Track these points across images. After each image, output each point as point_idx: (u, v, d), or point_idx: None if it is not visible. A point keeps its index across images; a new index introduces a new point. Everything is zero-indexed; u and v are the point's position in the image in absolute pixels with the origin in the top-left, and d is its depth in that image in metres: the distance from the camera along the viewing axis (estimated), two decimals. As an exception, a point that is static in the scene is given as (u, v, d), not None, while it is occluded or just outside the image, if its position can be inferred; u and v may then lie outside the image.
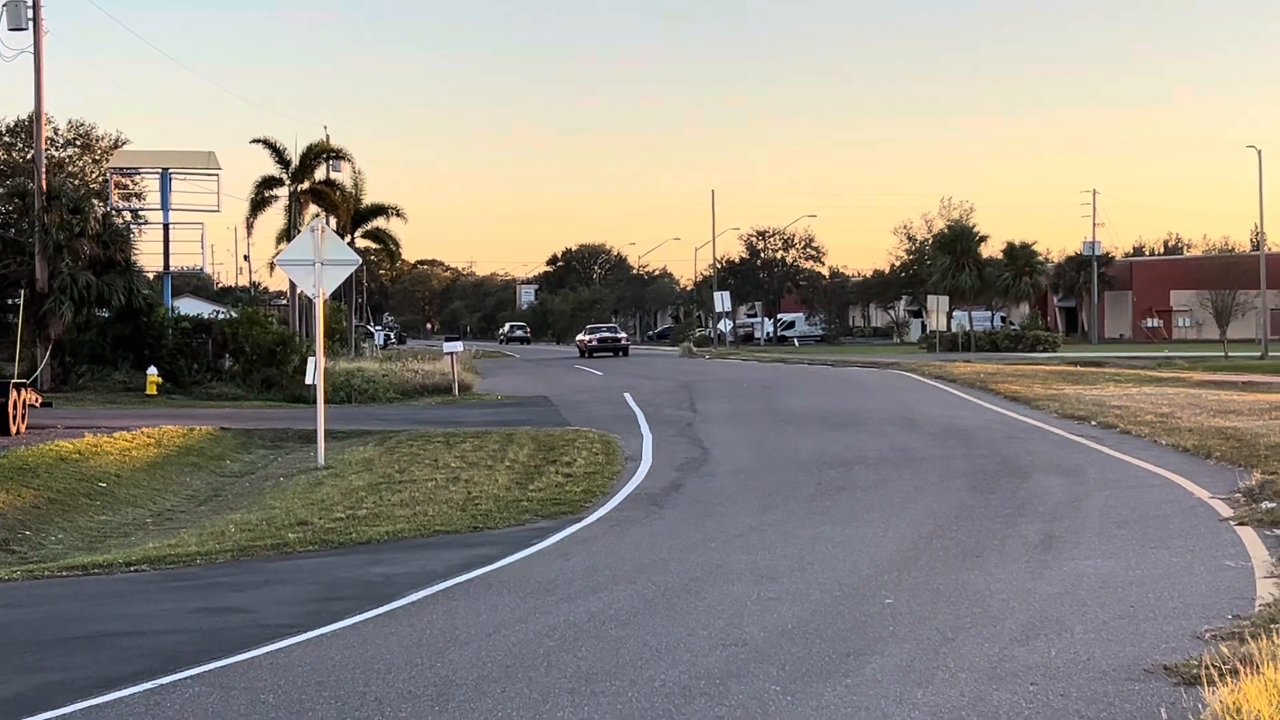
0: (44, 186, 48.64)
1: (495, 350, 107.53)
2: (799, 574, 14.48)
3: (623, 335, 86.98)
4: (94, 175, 67.24)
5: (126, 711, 9.93)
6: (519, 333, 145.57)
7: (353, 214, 73.45)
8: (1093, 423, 30.51)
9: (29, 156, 60.61)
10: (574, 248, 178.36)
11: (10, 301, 47.77)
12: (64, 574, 17.07)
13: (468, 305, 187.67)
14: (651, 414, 37.32)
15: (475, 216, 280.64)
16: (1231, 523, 16.52)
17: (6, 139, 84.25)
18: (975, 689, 9.59)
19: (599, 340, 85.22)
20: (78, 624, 13.64)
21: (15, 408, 33.08)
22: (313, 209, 68.12)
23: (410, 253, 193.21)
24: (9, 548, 21.56)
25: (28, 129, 62.20)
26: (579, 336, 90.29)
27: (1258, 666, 8.93)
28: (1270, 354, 75.50)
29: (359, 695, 10.13)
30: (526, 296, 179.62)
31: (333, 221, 65.72)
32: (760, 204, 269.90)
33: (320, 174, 70.51)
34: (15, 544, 21.87)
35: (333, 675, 10.78)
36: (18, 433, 32.47)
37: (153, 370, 47.59)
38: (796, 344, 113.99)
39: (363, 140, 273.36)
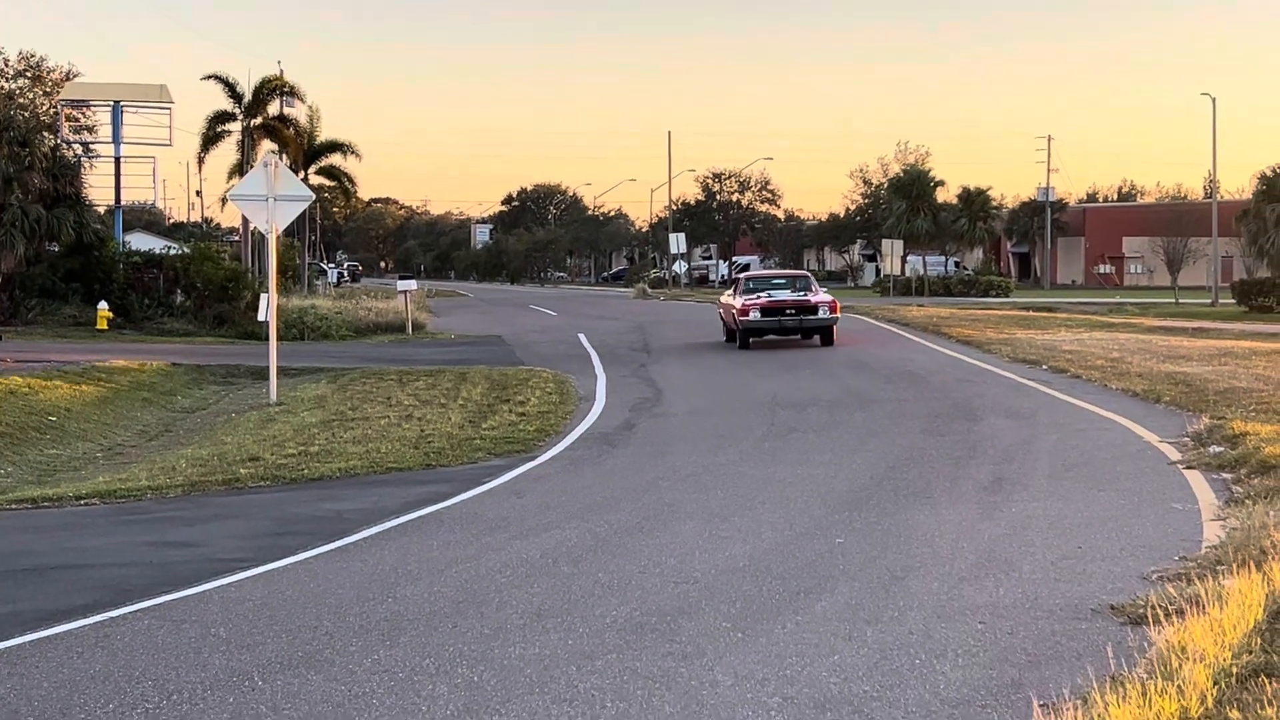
0: (-7, 118, 48.10)
1: (449, 289, 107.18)
2: (750, 513, 14.53)
3: (820, 298, 38.31)
4: (44, 108, 66.49)
5: (76, 644, 9.92)
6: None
7: (306, 150, 73.00)
8: (1044, 367, 30.66)
9: (-22, 88, 59.93)
10: (529, 188, 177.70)
11: (-41, 235, 47.33)
12: (13, 507, 16.99)
13: (422, 244, 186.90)
14: (606, 354, 37.35)
15: (430, 155, 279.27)
16: (1179, 466, 16.65)
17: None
18: (924, 627, 9.67)
19: (766, 307, 37.44)
20: (27, 557, 13.59)
21: (-36, 341, 32.84)
22: (266, 145, 67.66)
23: (365, 191, 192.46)
24: (-42, 481, 21.44)
25: (-23, 60, 61.49)
26: (726, 297, 41.60)
27: (1203, 606, 9.02)
28: (1220, 301, 75.99)
29: (310, 629, 10.13)
30: (481, 236, 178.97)
31: (286, 158, 65.25)
32: (717, 147, 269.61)
33: (274, 109, 69.99)
34: (-36, 477, 21.74)
35: (284, 609, 10.79)
36: (-33, 366, 32.23)
37: (103, 305, 47.32)
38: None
39: (318, 77, 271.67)
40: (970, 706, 7.89)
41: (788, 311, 37.00)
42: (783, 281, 40.62)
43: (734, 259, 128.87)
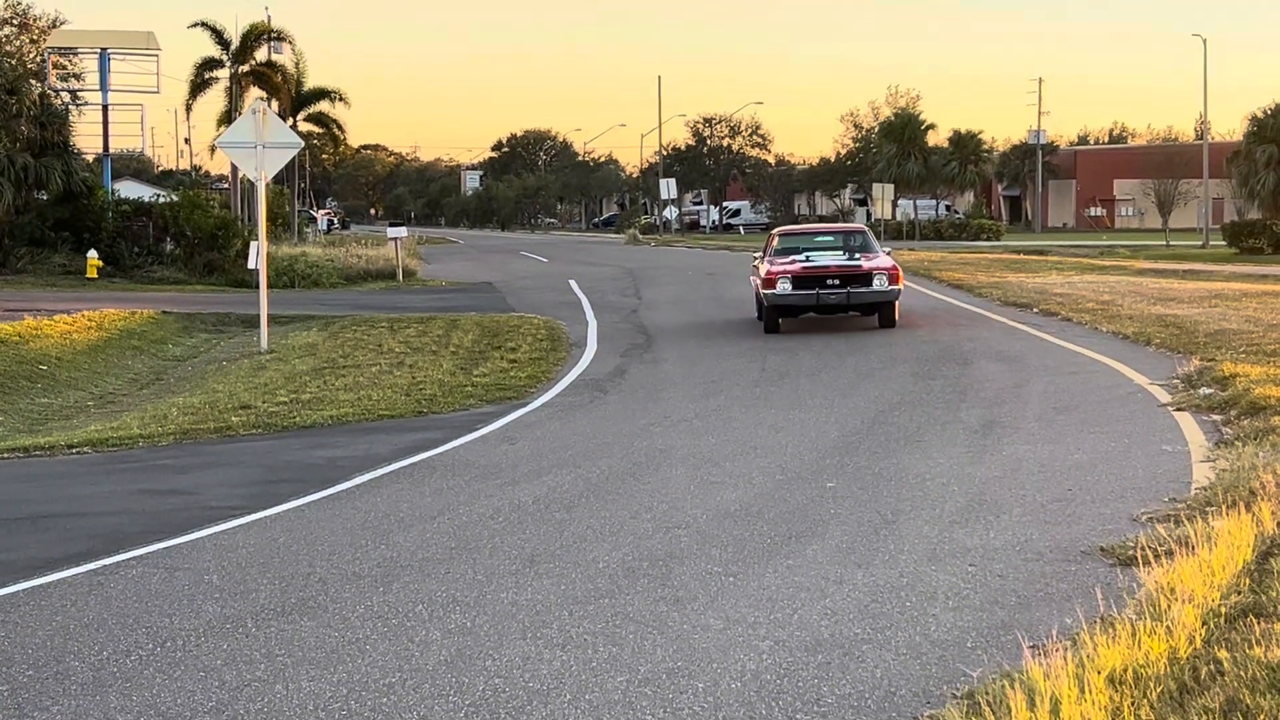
0: (-20, 66, 47.87)
1: (440, 236, 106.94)
2: (742, 459, 14.57)
3: (876, 263, 27.18)
4: (31, 55, 66.14)
5: (70, 591, 9.95)
6: None
7: (295, 97, 72.60)
8: (1035, 310, 30.69)
9: (-36, 36, 59.56)
10: (519, 133, 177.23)
11: (-54, 184, 47.20)
12: (5, 456, 17.00)
13: (412, 191, 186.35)
14: (596, 300, 37.33)
15: (419, 101, 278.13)
16: (1170, 408, 16.69)
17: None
18: (914, 570, 9.71)
19: (800, 276, 26.92)
20: (19, 505, 13.61)
21: (-46, 290, 32.79)
22: (254, 92, 67.35)
23: (354, 138, 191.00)
24: (-51, 430, 21.44)
25: (-38, 7, 61.08)
26: (761, 262, 28.83)
27: (1193, 548, 9.06)
28: (1211, 243, 75.99)
29: (304, 576, 10.17)
30: (471, 182, 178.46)
31: (274, 105, 64.92)
32: (708, 91, 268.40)
33: (261, 56, 69.71)
34: (-45, 427, 21.74)
35: (277, 556, 10.82)
36: (-44, 316, 32.19)
37: (93, 253, 47.20)
38: (742, 231, 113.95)
39: (305, 22, 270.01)
40: (960, 648, 7.94)
41: (829, 281, 26.45)
42: (830, 239, 29.93)
43: (725, 204, 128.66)
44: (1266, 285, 38.13)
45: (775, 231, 31.69)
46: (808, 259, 27.46)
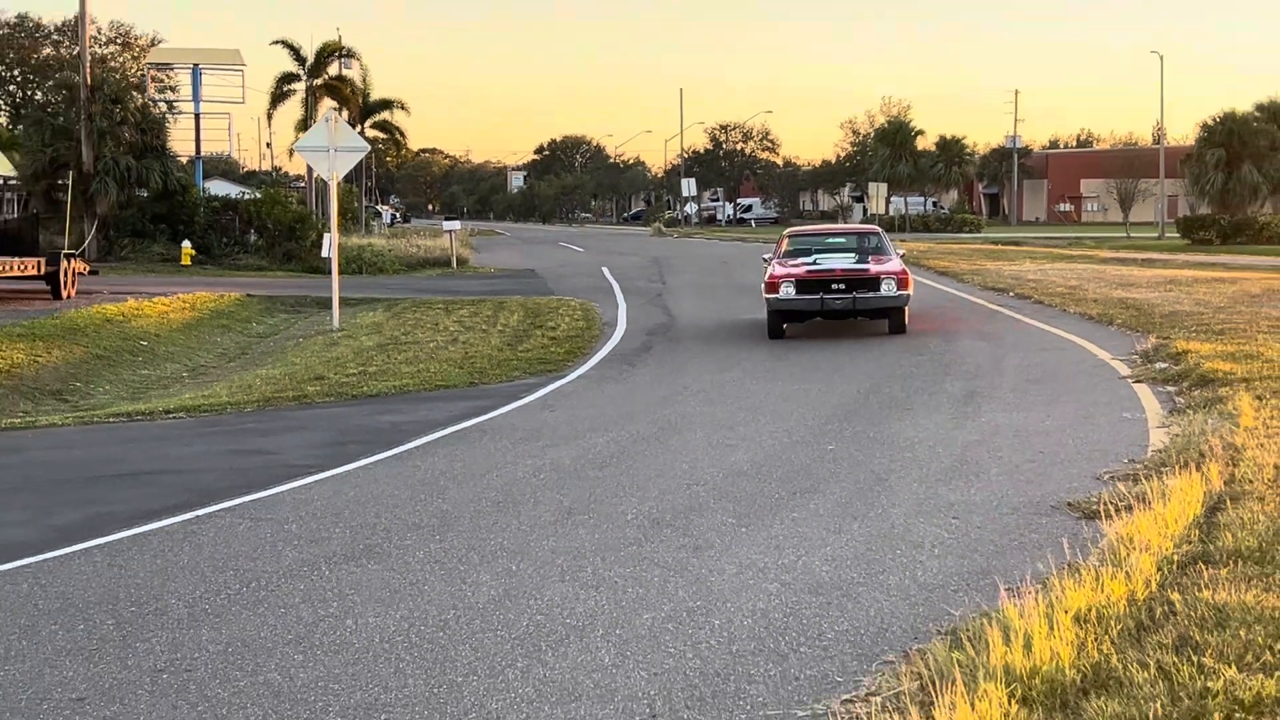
0: (89, 79, 47.99)
1: (489, 229, 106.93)
2: (753, 424, 14.55)
3: (885, 267, 23.28)
4: (133, 70, 66.31)
5: (167, 538, 10.00)
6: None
7: (362, 107, 72.50)
8: (1011, 294, 30.58)
9: (75, 53, 59.70)
10: (558, 139, 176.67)
11: (60, 182, 47.35)
12: (111, 420, 17.08)
13: (464, 189, 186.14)
14: (626, 285, 37.29)
15: (471, 109, 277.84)
16: (1129, 380, 16.62)
17: (55, 37, 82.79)
18: (904, 522, 9.69)
19: (804, 280, 22.98)
20: (124, 464, 13.68)
21: (66, 275, 32.92)
22: (327, 102, 67.27)
23: (414, 142, 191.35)
24: (62, 397, 21.54)
25: (74, 29, 61.23)
26: (771, 265, 24.32)
27: (1149, 503, 9.03)
28: (1166, 235, 75.52)
29: (370, 525, 10.20)
30: (516, 182, 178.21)
31: (344, 113, 64.87)
32: (724, 101, 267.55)
33: (333, 70, 69.54)
34: (68, 394, 21.84)
35: (347, 508, 10.85)
36: (69, 297, 32.34)
37: (187, 243, 47.35)
38: (754, 225, 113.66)
39: (372, 39, 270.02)
40: (945, 590, 7.93)
41: (834, 286, 22.61)
42: (842, 240, 25.92)
43: (738, 201, 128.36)
44: (1215, 272, 37.90)
45: (786, 233, 27.13)
46: (815, 262, 23.48)
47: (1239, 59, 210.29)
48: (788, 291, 22.71)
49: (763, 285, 23.63)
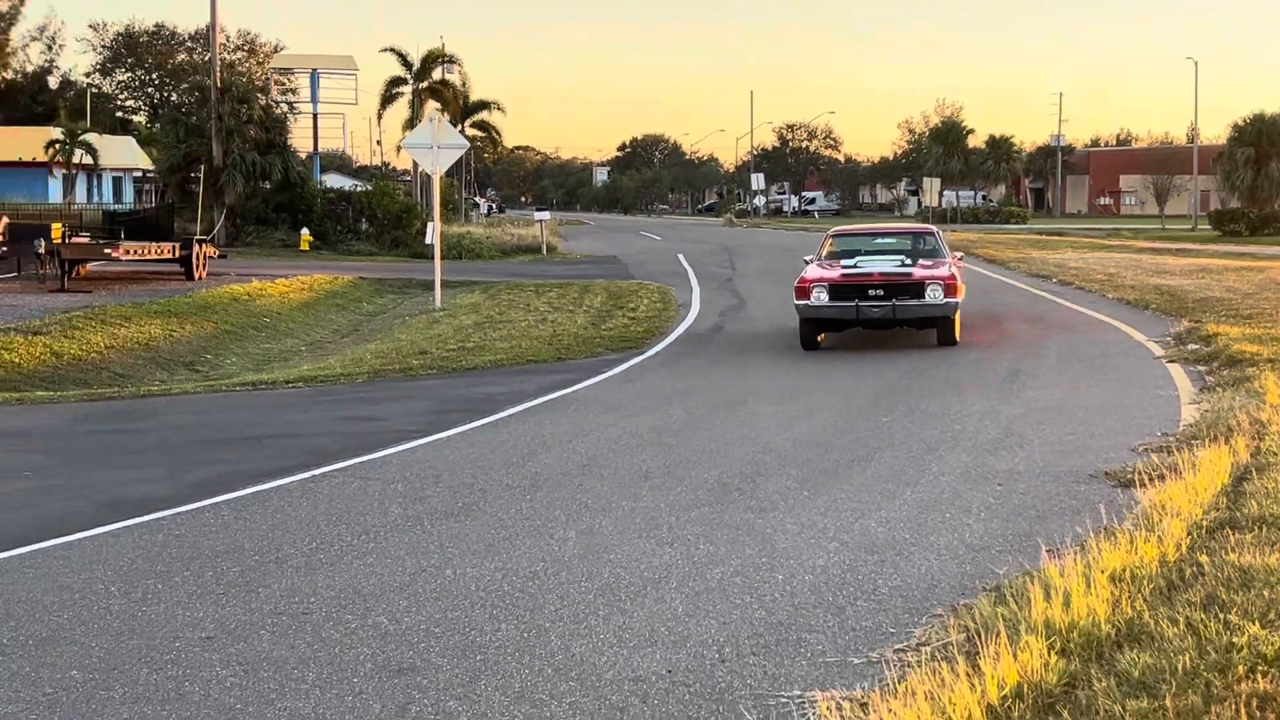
0: (219, 82, 48.53)
1: (576, 219, 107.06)
2: (813, 398, 14.48)
3: (932, 271, 18.92)
4: (258, 74, 66.92)
5: (287, 494, 10.11)
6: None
7: (462, 107, 72.66)
8: (1053, 280, 30.21)
9: (207, 59, 60.38)
10: (639, 137, 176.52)
11: (193, 175, 48.01)
12: (237, 389, 17.28)
13: (553, 183, 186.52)
14: (699, 271, 37.21)
15: (561, 109, 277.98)
16: (1163, 361, 16.38)
17: (189, 44, 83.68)
18: (953, 489, 9.62)
19: (838, 284, 18.77)
20: (249, 427, 13.83)
21: (198, 259, 33.36)
22: (431, 103, 67.47)
23: (509, 140, 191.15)
24: (194, 368, 21.85)
25: (206, 36, 61.87)
26: (808, 267, 19.93)
27: (1180, 473, 8.90)
28: (1199, 227, 74.27)
29: (467, 486, 10.25)
30: (600, 176, 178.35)
31: (446, 114, 65.07)
32: (790, 102, 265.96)
33: (437, 74, 69.74)
34: (199, 365, 22.15)
35: (447, 470, 10.92)
36: (200, 279, 32.76)
37: (305, 230, 47.83)
38: (817, 216, 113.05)
39: (472, 44, 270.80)
40: (990, 551, 7.86)
41: (872, 292, 18.61)
42: (891, 241, 21.45)
43: (803, 194, 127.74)
44: (1244, 262, 37.24)
45: (831, 232, 22.28)
46: (855, 265, 19.36)
47: (1271, 60, 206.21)
48: (820, 297, 18.51)
49: (793, 290, 19.24)
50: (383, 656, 6.26)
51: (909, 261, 19.44)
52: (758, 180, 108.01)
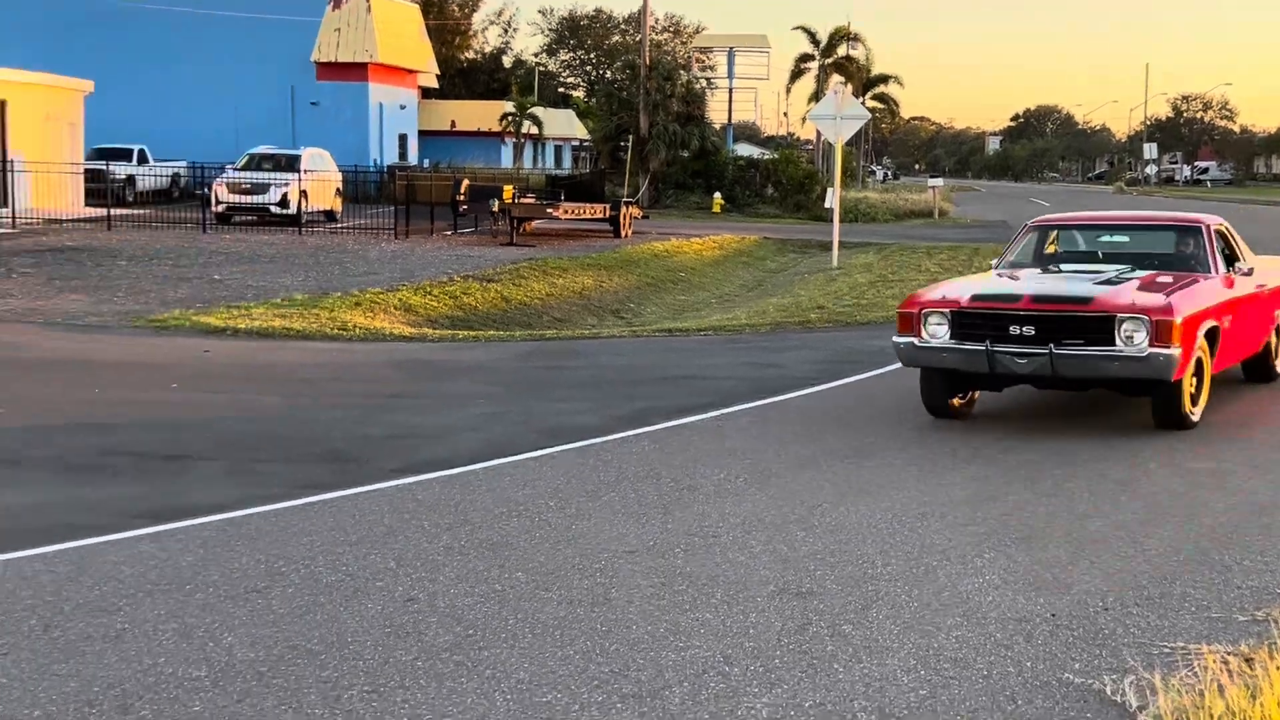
0: (647, 61, 49.91)
1: (966, 186, 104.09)
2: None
3: (1143, 299, 9.47)
4: (681, 53, 68.39)
5: (700, 428, 10.33)
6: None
7: (864, 81, 71.83)
8: None
9: (637, 39, 62.19)
10: (1032, 108, 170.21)
11: (621, 144, 49.64)
12: (656, 335, 17.74)
13: (946, 151, 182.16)
14: (1087, 236, 35.41)
15: (956, 81, 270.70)
16: None
17: (623, 27, 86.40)
18: None
19: (967, 312, 9.87)
20: (665, 369, 14.17)
21: (624, 219, 34.50)
22: (834, 77, 66.97)
23: (905, 111, 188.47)
24: (619, 315, 22.66)
25: (637, 20, 63.67)
26: (958, 281, 11.62)
27: None
28: None
29: (860, 430, 10.15)
30: (992, 145, 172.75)
31: (848, 87, 64.56)
32: (1186, 74, 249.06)
33: (841, 51, 69.17)
34: (624, 313, 22.95)
35: (843, 415, 10.83)
36: (626, 236, 33.89)
37: (718, 195, 48.64)
38: (1209, 186, 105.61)
39: (875, 21, 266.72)
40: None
41: (1015, 330, 9.66)
42: (1124, 240, 12.05)
43: (1195, 164, 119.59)
44: None
45: (1031, 222, 12.55)
46: (1040, 284, 10.38)
47: None
48: (936, 330, 10.17)
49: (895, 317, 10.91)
50: (783, 580, 6.33)
51: (1125, 276, 10.53)
52: (1150, 149, 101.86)
